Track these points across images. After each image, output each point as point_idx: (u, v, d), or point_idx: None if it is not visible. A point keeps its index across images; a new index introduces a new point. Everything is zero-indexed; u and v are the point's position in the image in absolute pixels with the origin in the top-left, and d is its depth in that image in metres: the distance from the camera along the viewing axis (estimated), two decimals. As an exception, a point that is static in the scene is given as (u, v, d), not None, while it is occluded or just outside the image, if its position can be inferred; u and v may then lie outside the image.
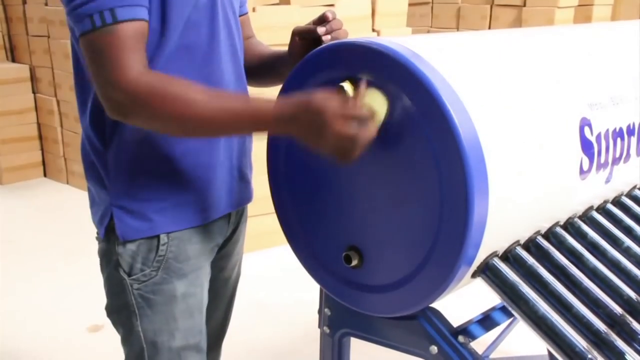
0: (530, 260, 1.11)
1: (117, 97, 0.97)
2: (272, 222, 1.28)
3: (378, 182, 1.05)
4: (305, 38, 1.20)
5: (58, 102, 4.37)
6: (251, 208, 1.38)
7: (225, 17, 1.15)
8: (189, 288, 1.18)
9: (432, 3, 5.90)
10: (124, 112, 0.99)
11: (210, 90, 1.02)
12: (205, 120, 0.98)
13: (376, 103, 0.99)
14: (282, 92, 1.13)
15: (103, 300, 1.21)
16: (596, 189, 1.27)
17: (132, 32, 0.98)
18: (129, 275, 1.15)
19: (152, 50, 1.05)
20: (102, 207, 1.16)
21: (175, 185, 1.14)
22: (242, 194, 1.28)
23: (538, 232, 1.17)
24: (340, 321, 1.25)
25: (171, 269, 1.15)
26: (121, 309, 1.18)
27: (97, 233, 1.19)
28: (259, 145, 1.30)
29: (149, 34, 1.03)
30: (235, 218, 1.29)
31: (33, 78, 4.52)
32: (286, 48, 1.24)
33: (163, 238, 1.14)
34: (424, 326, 1.11)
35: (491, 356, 2.05)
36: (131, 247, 1.14)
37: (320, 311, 1.29)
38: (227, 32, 1.15)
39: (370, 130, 0.96)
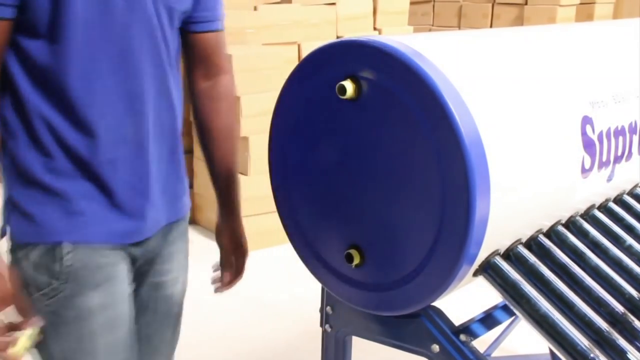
0: (532, 258, 1.11)
1: None
2: (273, 221, 1.28)
3: (380, 180, 1.05)
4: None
5: None
6: (252, 207, 1.38)
7: (150, 26, 1.07)
8: (105, 299, 1.08)
9: (434, 1, 5.90)
10: None
11: None
12: None
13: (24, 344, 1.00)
14: (282, 92, 1.13)
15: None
16: (598, 187, 1.27)
17: None
18: (37, 290, 1.06)
19: (47, 56, 1.00)
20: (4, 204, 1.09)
21: (71, 191, 1.05)
22: (168, 204, 1.18)
23: (540, 231, 1.17)
24: (341, 320, 1.25)
25: (81, 280, 1.06)
26: None
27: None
28: (260, 144, 1.30)
29: (38, 38, 0.98)
30: (158, 236, 1.18)
31: None
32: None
33: (67, 247, 1.05)
34: (426, 325, 1.11)
35: (493, 355, 2.05)
36: (34, 258, 1.05)
37: (321, 310, 1.29)
38: (151, 43, 1.08)
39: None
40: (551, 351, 1.65)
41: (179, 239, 1.24)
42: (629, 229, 1.29)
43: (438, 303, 1.09)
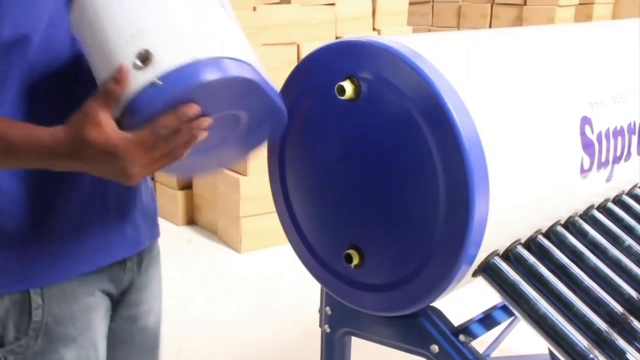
0: (531, 259, 1.11)
1: None
2: (272, 221, 1.28)
3: (379, 181, 1.05)
4: None
5: None
6: (252, 207, 1.38)
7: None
8: (79, 353, 0.98)
9: (433, 2, 5.90)
10: None
11: None
12: None
13: None
14: (281, 92, 1.13)
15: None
16: (597, 188, 1.27)
17: None
18: (1, 345, 0.93)
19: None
20: None
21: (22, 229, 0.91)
22: (139, 230, 1.06)
23: (539, 231, 1.17)
24: (341, 320, 1.25)
25: (54, 335, 0.95)
26: None
27: None
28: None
29: None
30: (134, 263, 1.07)
31: None
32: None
33: (35, 299, 0.92)
34: (425, 325, 1.11)
35: (492, 355, 2.05)
36: None
37: (320, 310, 1.29)
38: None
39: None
40: (550, 351, 1.65)
41: (153, 266, 1.14)
42: (628, 229, 1.29)
43: (437, 303, 1.09)
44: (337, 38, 3.60)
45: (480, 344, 1.24)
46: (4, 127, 0.80)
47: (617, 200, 1.36)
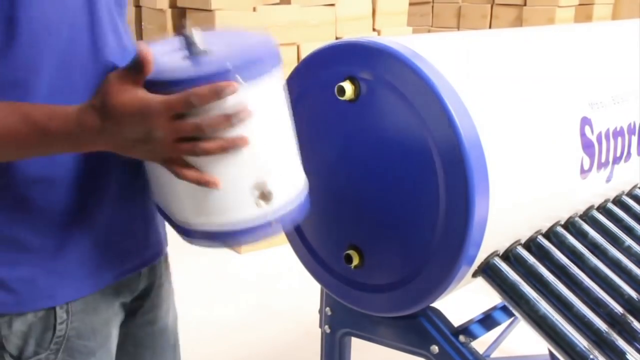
0: (531, 259, 1.11)
1: None
2: (272, 222, 1.28)
3: (378, 181, 1.05)
4: None
5: None
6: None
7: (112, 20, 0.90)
8: None
9: (433, 2, 5.90)
10: None
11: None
12: None
13: None
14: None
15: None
16: (597, 188, 1.27)
17: None
18: (19, 359, 0.89)
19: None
20: None
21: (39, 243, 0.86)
22: (157, 239, 1.03)
23: (539, 232, 1.17)
24: (341, 321, 1.25)
25: (75, 349, 0.92)
26: None
27: None
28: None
29: None
30: (147, 269, 1.03)
31: None
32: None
33: (61, 314, 0.89)
34: (425, 326, 1.11)
35: (492, 356, 2.05)
36: (20, 327, 0.88)
37: (320, 311, 1.29)
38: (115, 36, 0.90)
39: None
40: (550, 352, 1.65)
41: (163, 267, 1.11)
42: (628, 229, 1.29)
43: (437, 304, 1.09)
44: (337, 39, 3.60)
45: (480, 344, 1.24)
46: (26, 109, 0.77)
47: (617, 201, 1.36)
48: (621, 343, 1.04)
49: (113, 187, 0.91)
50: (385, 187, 1.05)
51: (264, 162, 0.77)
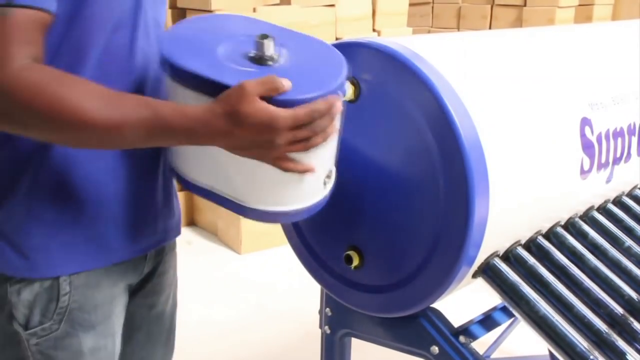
0: (531, 260, 1.11)
1: None
2: (272, 222, 1.28)
3: (378, 182, 1.05)
4: None
5: None
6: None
7: (155, 20, 1.00)
8: (98, 341, 1.01)
9: (433, 3, 5.90)
10: None
11: (112, 93, 0.83)
12: (99, 131, 0.80)
13: None
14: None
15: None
16: (597, 189, 1.27)
17: (27, 20, 0.80)
18: (25, 328, 0.96)
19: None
20: None
21: (66, 214, 0.94)
22: (166, 225, 1.08)
23: (539, 232, 1.17)
24: (341, 321, 1.25)
25: (76, 321, 0.98)
26: None
27: None
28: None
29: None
30: (155, 253, 1.09)
31: None
32: None
33: (64, 286, 0.96)
34: (425, 326, 1.11)
35: (492, 356, 2.05)
36: (27, 296, 0.95)
37: (320, 311, 1.29)
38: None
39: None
40: (550, 353, 1.65)
41: (170, 255, 1.16)
42: (628, 230, 1.29)
43: (437, 304, 1.09)
44: (337, 39, 3.60)
45: (480, 345, 1.24)
46: (155, 104, 0.83)
47: (617, 202, 1.36)
48: (621, 344, 1.04)
49: (130, 168, 0.97)
50: (386, 187, 1.05)
51: (337, 149, 0.94)
